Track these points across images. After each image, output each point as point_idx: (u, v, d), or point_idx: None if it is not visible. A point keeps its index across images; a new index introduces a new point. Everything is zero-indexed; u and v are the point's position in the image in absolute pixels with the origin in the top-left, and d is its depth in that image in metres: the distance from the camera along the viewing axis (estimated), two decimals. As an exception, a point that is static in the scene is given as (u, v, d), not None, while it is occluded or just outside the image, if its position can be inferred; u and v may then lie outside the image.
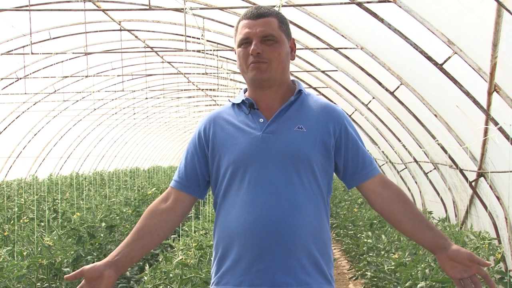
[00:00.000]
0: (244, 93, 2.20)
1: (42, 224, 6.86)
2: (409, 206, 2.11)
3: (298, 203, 2.03)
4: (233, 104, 2.19)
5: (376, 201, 2.14)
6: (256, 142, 2.06)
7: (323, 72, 9.71)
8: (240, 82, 15.16)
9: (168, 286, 4.04)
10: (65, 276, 2.06)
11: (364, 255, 6.21)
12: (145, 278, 4.24)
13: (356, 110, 10.35)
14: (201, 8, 7.94)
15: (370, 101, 9.05)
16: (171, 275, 4.08)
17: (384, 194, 2.13)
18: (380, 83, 7.70)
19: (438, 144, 7.01)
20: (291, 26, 2.20)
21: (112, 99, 15.99)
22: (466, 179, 6.45)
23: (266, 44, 2.06)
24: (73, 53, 10.60)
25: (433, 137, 7.14)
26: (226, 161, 2.08)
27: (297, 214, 2.02)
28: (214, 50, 10.87)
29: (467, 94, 5.31)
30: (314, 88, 11.21)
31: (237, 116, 2.14)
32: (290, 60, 2.16)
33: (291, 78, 2.23)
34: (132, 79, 14.72)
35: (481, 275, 1.99)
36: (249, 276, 2.02)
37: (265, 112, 2.12)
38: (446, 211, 7.92)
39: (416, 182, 9.38)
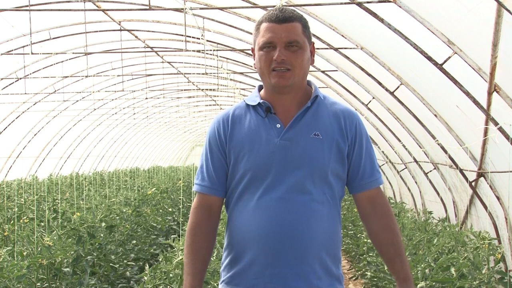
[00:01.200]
0: (259, 91, 2.18)
1: (42, 224, 6.86)
2: (384, 230, 2.14)
3: (312, 210, 2.05)
4: (248, 105, 2.16)
5: (359, 213, 2.21)
6: (274, 149, 2.06)
7: (323, 72, 9.70)
8: (241, 82, 15.16)
9: (168, 286, 4.04)
10: None
11: (364, 255, 6.21)
12: (145, 278, 4.24)
13: (356, 110, 10.34)
14: (201, 8, 7.94)
15: (370, 101, 9.04)
16: (171, 275, 4.08)
17: (368, 210, 2.17)
18: (380, 83, 7.70)
19: (438, 144, 7.01)
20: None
21: (112, 99, 15.99)
22: (466, 179, 6.45)
23: (290, 50, 2.05)
24: (73, 53, 10.60)
25: (433, 137, 7.14)
26: (243, 166, 2.08)
27: (312, 220, 2.04)
28: (214, 50, 10.87)
29: (467, 94, 5.31)
30: (314, 88, 11.20)
31: (253, 119, 2.12)
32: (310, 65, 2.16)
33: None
34: (132, 79, 14.72)
35: None
36: (262, 280, 2.04)
37: (282, 117, 2.11)
38: (446, 211, 7.92)
39: (416, 182, 9.38)
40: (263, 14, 2.14)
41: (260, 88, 2.20)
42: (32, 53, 8.90)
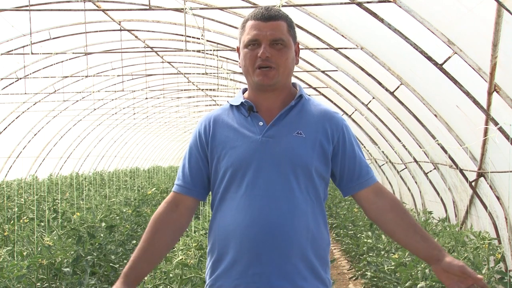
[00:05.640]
0: (243, 93, 2.19)
1: (42, 224, 6.86)
2: (403, 216, 2.09)
3: (295, 208, 2.02)
4: (231, 105, 2.17)
5: (370, 210, 2.13)
6: (255, 146, 2.05)
7: (323, 72, 9.71)
8: (240, 82, 15.16)
9: (168, 286, 4.04)
10: None
11: (364, 255, 6.21)
12: (145, 278, 4.24)
13: (356, 110, 10.35)
14: (201, 8, 7.94)
15: (370, 101, 9.05)
16: (171, 275, 4.08)
17: (378, 203, 2.11)
18: (380, 83, 7.70)
19: (438, 144, 7.01)
20: (291, 26, 2.19)
21: (112, 99, 15.99)
22: (466, 179, 6.45)
23: (274, 48, 2.05)
24: (73, 53, 10.60)
25: (433, 137, 7.14)
26: (225, 164, 2.07)
27: (294, 218, 2.02)
28: (214, 50, 10.87)
29: (467, 94, 5.31)
30: (314, 88, 11.21)
31: (236, 119, 2.12)
32: (294, 64, 2.15)
33: (293, 81, 2.22)
34: (132, 79, 14.72)
35: (480, 286, 1.96)
36: (245, 280, 2.01)
37: (265, 115, 2.10)
38: (446, 211, 7.92)
39: (416, 182, 9.38)
40: (249, 12, 2.14)
41: (244, 90, 2.21)
42: (32, 53, 8.91)
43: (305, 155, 2.04)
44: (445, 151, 6.86)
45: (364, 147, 11.49)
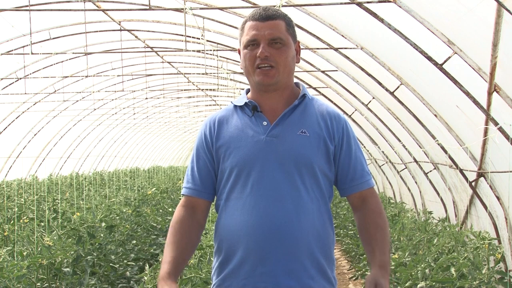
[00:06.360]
0: (246, 93, 2.19)
1: (42, 224, 6.87)
2: (374, 233, 2.10)
3: (301, 207, 2.03)
4: (235, 106, 2.18)
5: (354, 215, 2.19)
6: (260, 146, 2.06)
7: (323, 72, 9.70)
8: (241, 82, 15.17)
9: (168, 286, 4.03)
10: None
11: (364, 255, 6.20)
12: (145, 278, 4.25)
13: (356, 110, 10.34)
14: (201, 8, 7.94)
15: (370, 101, 9.05)
16: (171, 275, 4.08)
17: (360, 212, 2.16)
18: (380, 83, 7.70)
19: (438, 144, 7.01)
20: (291, 26, 2.19)
21: (112, 99, 15.99)
22: (466, 179, 6.45)
23: (273, 47, 2.06)
24: (73, 53, 10.60)
25: (433, 137, 7.14)
26: (229, 164, 2.08)
27: (300, 217, 2.03)
28: (214, 50, 10.87)
29: (467, 94, 5.31)
30: (314, 88, 11.21)
31: (240, 119, 2.13)
32: (295, 63, 2.16)
33: (295, 80, 2.23)
34: (132, 79, 14.72)
35: None
36: (252, 279, 2.02)
37: (269, 115, 2.11)
38: (446, 211, 7.92)
39: (416, 182, 9.38)
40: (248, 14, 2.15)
41: (248, 91, 2.22)
42: (32, 53, 8.90)
43: (309, 154, 2.06)
44: (445, 151, 6.86)
45: (364, 147, 11.49)
